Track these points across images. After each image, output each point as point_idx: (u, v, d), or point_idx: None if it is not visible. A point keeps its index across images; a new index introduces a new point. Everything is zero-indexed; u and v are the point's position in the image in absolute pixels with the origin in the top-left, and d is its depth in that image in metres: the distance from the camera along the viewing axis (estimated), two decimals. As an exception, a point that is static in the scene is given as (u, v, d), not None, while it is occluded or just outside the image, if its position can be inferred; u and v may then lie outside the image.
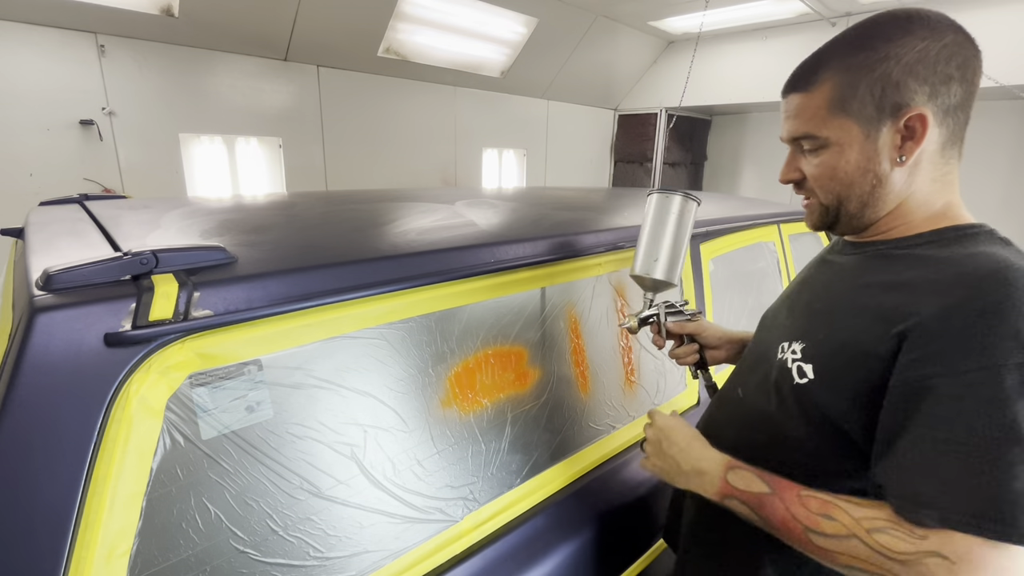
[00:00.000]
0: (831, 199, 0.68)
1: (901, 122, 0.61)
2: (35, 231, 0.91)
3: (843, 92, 0.63)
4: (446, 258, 0.87)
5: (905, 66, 0.60)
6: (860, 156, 0.64)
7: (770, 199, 2.59)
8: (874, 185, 0.65)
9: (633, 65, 6.12)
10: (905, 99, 0.61)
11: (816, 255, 0.86)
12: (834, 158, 0.66)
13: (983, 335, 0.51)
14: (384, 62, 4.41)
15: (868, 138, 0.63)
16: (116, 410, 0.57)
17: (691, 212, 0.95)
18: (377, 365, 0.80)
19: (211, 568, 0.64)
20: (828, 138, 0.66)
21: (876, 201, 0.66)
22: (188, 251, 0.66)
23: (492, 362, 0.95)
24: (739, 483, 0.65)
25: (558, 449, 1.05)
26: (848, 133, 0.64)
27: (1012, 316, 0.50)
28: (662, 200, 0.95)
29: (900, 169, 0.64)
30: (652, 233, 0.95)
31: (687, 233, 0.95)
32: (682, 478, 0.72)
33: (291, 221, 1.07)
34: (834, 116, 0.65)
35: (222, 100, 3.77)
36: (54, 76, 3.11)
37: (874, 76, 0.62)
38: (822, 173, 0.68)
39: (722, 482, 0.67)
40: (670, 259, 0.94)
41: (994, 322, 0.51)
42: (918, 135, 0.61)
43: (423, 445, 0.85)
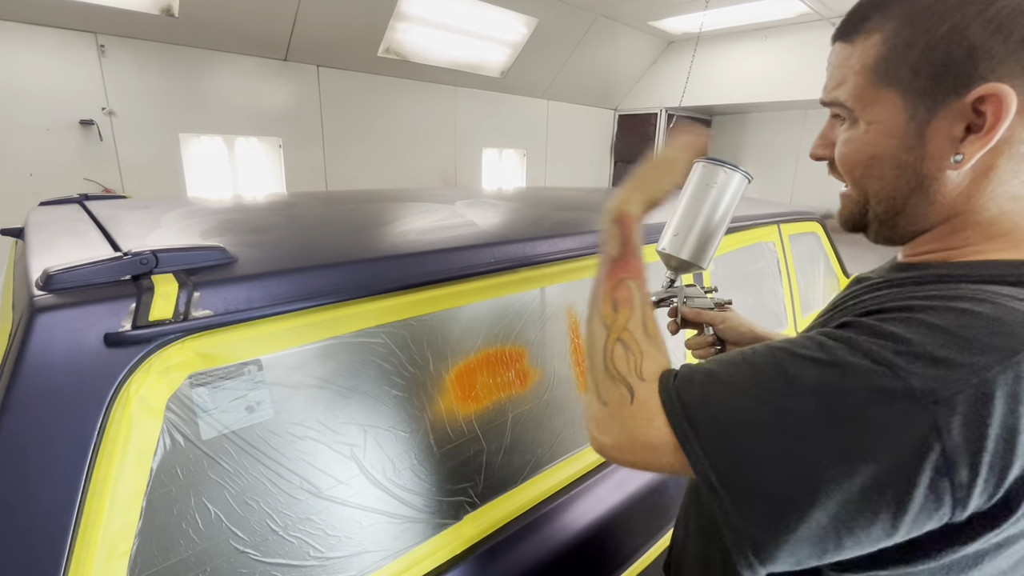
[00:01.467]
0: (857, 191, 0.52)
1: (967, 103, 0.43)
2: (35, 231, 0.91)
3: (892, 52, 0.46)
4: (446, 258, 0.87)
5: (991, 19, 0.41)
6: (895, 143, 0.47)
7: (770, 199, 2.59)
8: (912, 187, 0.48)
9: (633, 65, 6.12)
10: (978, 70, 0.42)
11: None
12: (861, 138, 0.49)
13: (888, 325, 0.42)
14: (384, 62, 4.41)
15: (912, 120, 0.46)
16: (116, 410, 0.57)
17: (738, 190, 0.80)
18: (377, 365, 0.80)
19: (211, 568, 0.64)
20: (856, 111, 0.49)
21: (913, 208, 0.49)
22: (188, 251, 0.66)
23: (492, 362, 0.95)
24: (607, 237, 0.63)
25: (558, 449, 1.05)
26: (886, 110, 0.47)
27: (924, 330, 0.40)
28: (708, 171, 0.82)
29: (955, 172, 0.45)
30: (688, 207, 0.82)
31: (729, 212, 0.82)
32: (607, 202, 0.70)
33: (291, 221, 1.07)
34: (873, 84, 0.47)
35: (222, 100, 3.77)
36: (54, 76, 3.11)
37: (939, 32, 0.43)
38: (845, 154, 0.52)
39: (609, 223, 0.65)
40: (701, 238, 0.82)
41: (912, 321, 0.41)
42: (989, 125, 0.42)
43: (423, 445, 0.85)
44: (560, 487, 1.02)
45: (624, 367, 0.51)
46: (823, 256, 2.24)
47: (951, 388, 0.36)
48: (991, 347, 0.37)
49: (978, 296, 0.41)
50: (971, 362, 0.37)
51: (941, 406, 0.36)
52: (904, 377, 0.37)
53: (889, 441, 0.37)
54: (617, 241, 0.61)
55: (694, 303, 0.87)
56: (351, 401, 0.77)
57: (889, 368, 0.38)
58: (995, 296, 0.40)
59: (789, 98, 5.18)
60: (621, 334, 0.53)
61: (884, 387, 0.37)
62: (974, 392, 0.36)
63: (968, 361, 0.37)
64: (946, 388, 0.36)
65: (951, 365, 0.37)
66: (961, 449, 0.36)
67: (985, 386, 0.36)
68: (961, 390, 0.36)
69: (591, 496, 1.04)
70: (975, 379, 0.36)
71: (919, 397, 0.36)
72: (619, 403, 0.49)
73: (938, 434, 0.36)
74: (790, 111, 6.40)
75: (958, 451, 0.36)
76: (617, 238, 0.61)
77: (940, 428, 0.36)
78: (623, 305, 0.55)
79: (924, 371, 0.37)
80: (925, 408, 0.36)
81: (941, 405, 0.36)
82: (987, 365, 0.36)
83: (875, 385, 0.38)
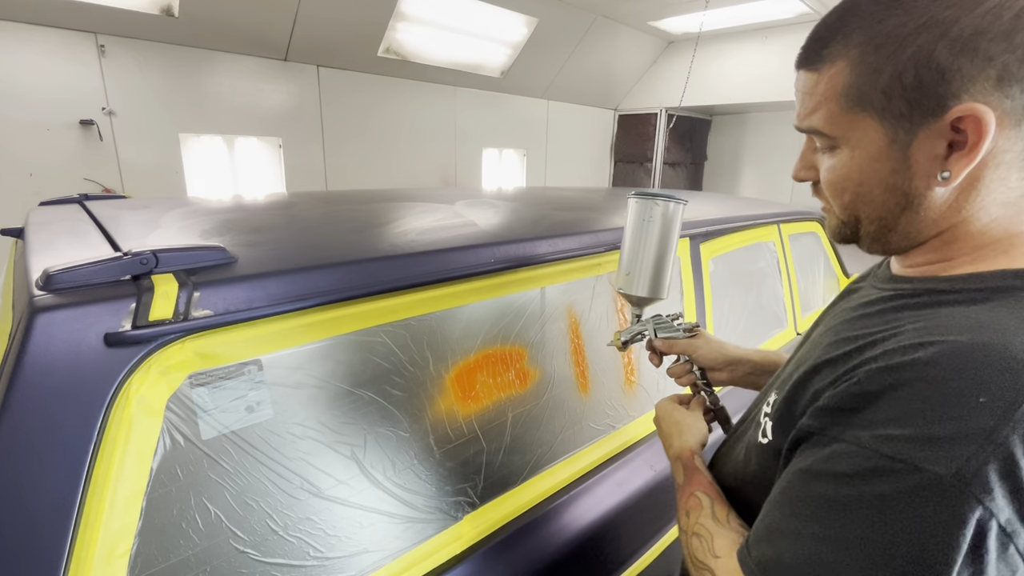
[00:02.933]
0: (846, 214, 0.52)
1: (945, 124, 0.43)
2: (35, 231, 0.91)
3: (861, 78, 0.46)
4: (446, 258, 0.87)
5: (956, 39, 0.41)
6: (881, 167, 0.47)
7: (770, 199, 2.59)
8: (902, 207, 0.48)
9: (633, 65, 6.12)
10: (951, 90, 0.42)
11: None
12: (846, 165, 0.50)
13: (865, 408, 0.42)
14: (384, 62, 4.41)
15: (894, 143, 0.46)
16: (116, 410, 0.57)
17: (676, 217, 0.84)
18: (377, 365, 0.80)
19: (211, 568, 0.64)
20: (838, 138, 0.49)
21: (904, 225, 0.49)
22: (188, 251, 0.66)
23: (492, 362, 0.95)
24: (676, 473, 0.72)
25: (558, 449, 1.05)
26: (865, 135, 0.47)
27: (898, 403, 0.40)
28: (642, 206, 0.84)
29: (944, 188, 0.45)
30: (633, 244, 0.86)
31: (673, 241, 0.85)
32: (664, 440, 0.79)
33: (291, 221, 1.07)
34: (847, 111, 0.47)
35: (222, 100, 3.77)
36: (54, 76, 3.11)
37: (905, 56, 0.43)
38: (832, 181, 0.52)
39: (671, 464, 0.74)
40: (654, 272, 0.84)
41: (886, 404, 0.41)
42: (971, 144, 0.42)
43: (423, 445, 0.85)
44: (560, 487, 1.02)
45: (701, 554, 0.55)
46: (823, 256, 2.24)
47: (973, 463, 0.36)
48: (989, 404, 0.37)
49: (955, 335, 0.40)
50: (976, 430, 0.36)
51: (975, 485, 0.35)
52: (924, 467, 0.37)
53: (950, 539, 0.36)
54: (681, 472, 0.70)
55: (664, 333, 0.89)
56: (351, 401, 0.77)
57: (902, 462, 0.38)
58: (979, 328, 0.40)
59: (789, 98, 5.16)
60: (695, 529, 0.58)
61: (916, 485, 0.37)
62: (997, 460, 0.36)
63: (973, 429, 0.36)
64: (969, 465, 0.36)
65: (960, 439, 0.36)
66: (1014, 517, 0.36)
67: (1003, 450, 0.36)
68: (987, 460, 0.36)
69: (591, 496, 1.04)
70: (990, 446, 0.36)
71: (950, 483, 0.36)
72: None
73: (988, 511, 0.35)
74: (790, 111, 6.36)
75: (1012, 521, 0.36)
76: (681, 471, 0.70)
77: (986, 505, 0.35)
78: (694, 511, 0.61)
79: (937, 454, 0.37)
80: (962, 492, 0.36)
81: (974, 484, 0.36)
82: (994, 427, 0.36)
83: (906, 486, 0.37)
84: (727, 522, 0.57)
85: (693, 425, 0.77)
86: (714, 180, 7.33)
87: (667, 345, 0.88)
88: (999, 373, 0.37)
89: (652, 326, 0.89)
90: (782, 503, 0.46)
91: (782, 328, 1.83)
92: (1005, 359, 0.38)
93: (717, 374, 0.86)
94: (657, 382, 1.29)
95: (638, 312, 0.92)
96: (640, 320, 0.91)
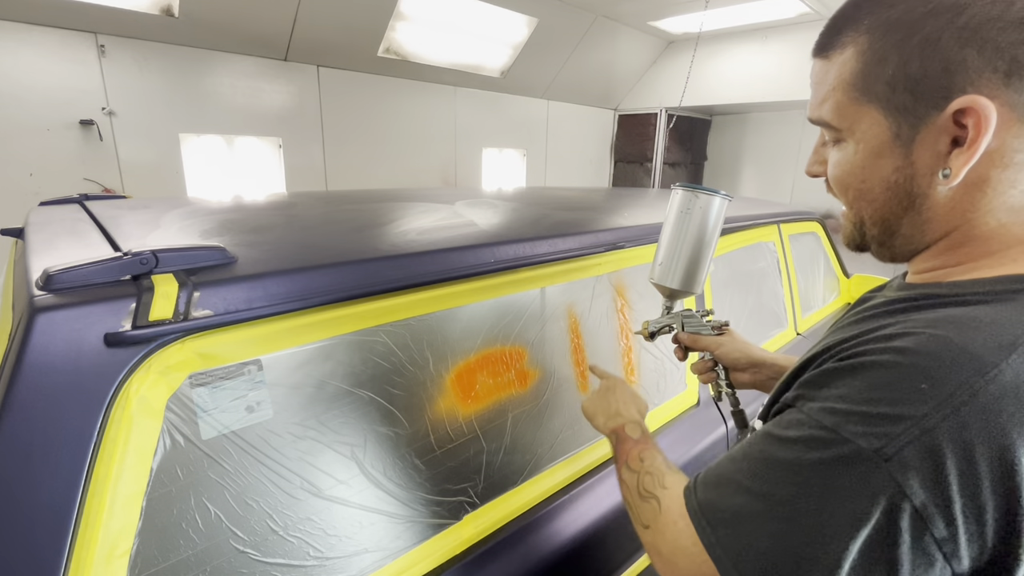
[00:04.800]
0: (852, 213, 0.51)
1: (948, 117, 0.41)
2: (35, 231, 0.91)
3: (868, 67, 0.44)
4: (446, 258, 0.87)
5: (963, 28, 0.39)
6: (883, 164, 0.46)
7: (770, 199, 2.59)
8: (904, 207, 0.46)
9: (633, 65, 6.12)
10: (956, 82, 0.40)
11: None
12: (850, 159, 0.48)
13: (828, 384, 0.43)
14: (384, 62, 4.41)
15: (897, 138, 0.44)
16: (116, 410, 0.57)
17: (720, 213, 0.83)
18: (377, 365, 0.80)
19: (211, 568, 0.64)
20: (844, 131, 0.48)
21: (907, 228, 0.47)
22: (188, 251, 0.66)
23: (492, 362, 0.95)
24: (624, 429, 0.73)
25: (558, 449, 1.05)
26: (870, 128, 0.46)
27: (852, 382, 0.41)
28: (684, 197, 0.83)
29: (946, 187, 0.43)
30: (672, 236, 0.84)
31: (713, 236, 0.84)
32: (595, 419, 0.81)
33: (291, 221, 1.07)
34: (854, 101, 0.46)
35: (222, 100, 3.77)
36: (54, 76, 3.11)
37: (911, 44, 0.41)
38: (836, 176, 0.51)
39: (618, 424, 0.75)
40: (690, 265, 0.83)
41: (837, 381, 0.42)
42: (971, 139, 0.40)
43: (423, 445, 0.85)
44: (560, 487, 1.02)
45: (651, 486, 0.59)
46: (823, 256, 2.24)
47: (896, 443, 0.36)
48: (928, 394, 0.36)
49: (920, 330, 0.40)
50: (909, 414, 0.37)
51: (893, 463, 0.36)
52: (851, 439, 0.38)
53: (862, 506, 0.37)
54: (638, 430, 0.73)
55: (691, 328, 0.89)
56: (351, 401, 0.77)
57: (835, 433, 0.39)
58: (944, 325, 0.40)
59: (789, 98, 5.18)
60: (647, 468, 0.62)
61: (840, 455, 0.39)
62: (921, 445, 0.36)
63: (906, 413, 0.37)
64: (891, 444, 0.36)
65: (893, 420, 0.37)
66: (929, 503, 0.35)
67: (929, 437, 0.36)
68: (906, 444, 0.36)
69: (591, 496, 1.04)
70: (916, 430, 0.36)
71: (870, 457, 0.37)
72: (653, 516, 0.55)
73: (902, 491, 0.36)
74: (790, 111, 6.39)
75: (927, 506, 0.35)
76: (637, 429, 0.73)
77: (901, 485, 0.36)
78: (648, 455, 0.65)
79: (867, 430, 0.38)
80: (879, 467, 0.36)
81: (893, 462, 0.36)
82: (926, 414, 0.36)
83: (831, 455, 0.39)
84: (678, 470, 0.62)
85: (626, 398, 0.81)
86: (714, 180, 7.32)
87: (692, 340, 0.88)
88: (947, 365, 0.37)
89: (681, 320, 0.89)
90: (736, 457, 0.48)
91: (782, 328, 1.83)
92: (957, 353, 0.37)
93: (740, 375, 0.85)
94: (657, 382, 1.29)
95: (669, 304, 0.91)
96: (670, 313, 0.91)
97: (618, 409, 0.79)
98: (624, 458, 0.68)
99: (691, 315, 0.90)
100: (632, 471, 0.64)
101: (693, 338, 0.88)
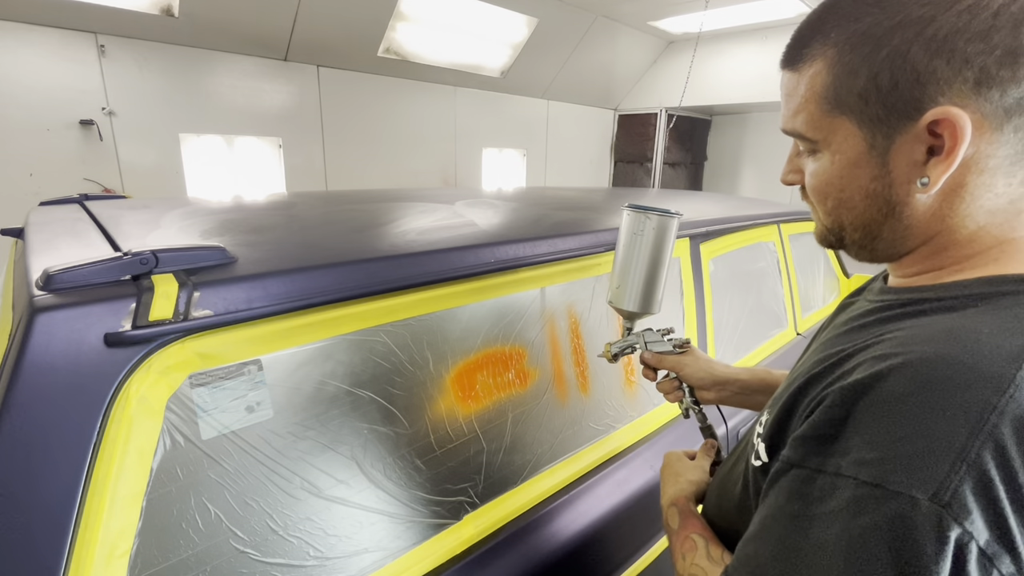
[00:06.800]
0: (831, 220, 0.52)
1: (922, 128, 0.42)
2: (35, 231, 0.91)
3: (837, 79, 0.45)
4: (446, 258, 0.87)
5: (931, 40, 0.39)
6: (861, 173, 0.46)
7: (770, 199, 2.59)
8: (884, 214, 0.47)
9: (633, 65, 6.12)
10: (927, 93, 0.40)
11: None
12: (827, 170, 0.49)
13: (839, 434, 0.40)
14: (384, 62, 4.41)
15: (872, 148, 0.45)
16: (116, 410, 0.57)
17: (669, 232, 0.83)
18: (377, 365, 0.80)
19: (211, 568, 0.64)
20: (819, 142, 0.48)
21: (889, 233, 0.48)
22: (188, 251, 0.66)
23: (492, 362, 0.95)
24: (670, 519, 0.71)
25: (558, 449, 1.05)
26: (845, 140, 0.46)
27: (866, 424, 0.38)
28: (634, 219, 0.84)
29: (925, 195, 0.44)
30: (624, 258, 0.85)
31: (666, 256, 0.84)
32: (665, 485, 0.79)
33: (291, 221, 1.07)
34: (827, 113, 0.46)
35: (222, 100, 3.77)
36: (54, 76, 3.11)
37: (880, 56, 0.42)
38: (815, 186, 0.51)
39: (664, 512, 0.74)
40: (645, 287, 0.84)
41: (855, 426, 0.39)
42: (948, 148, 0.41)
43: (423, 445, 0.85)
44: (560, 487, 1.02)
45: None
46: (823, 256, 2.24)
47: (949, 483, 0.34)
48: (958, 420, 0.35)
49: (926, 351, 0.39)
50: (948, 447, 0.34)
51: (953, 507, 0.34)
52: (903, 491, 0.35)
53: (933, 563, 0.34)
54: (676, 517, 0.70)
55: (653, 348, 0.88)
56: (351, 401, 0.77)
57: (882, 488, 0.36)
58: (949, 341, 0.39)
59: (789, 98, 5.18)
60: (691, 570, 0.60)
61: (897, 513, 0.35)
62: (972, 480, 0.34)
63: (944, 447, 0.34)
64: (945, 486, 0.34)
65: (933, 457, 0.35)
66: (993, 540, 0.34)
67: (975, 469, 0.34)
68: (962, 480, 0.34)
69: (591, 496, 1.04)
70: (962, 464, 0.34)
71: (928, 507, 0.34)
72: None
73: (968, 533, 0.33)
74: (790, 111, 6.38)
75: (991, 543, 0.34)
76: (676, 516, 0.70)
77: (966, 528, 0.33)
78: (689, 553, 0.62)
79: (913, 477, 0.35)
80: (941, 516, 0.34)
81: (952, 507, 0.34)
82: (964, 445, 0.34)
83: (886, 515, 0.35)
84: (721, 561, 0.58)
85: (691, 473, 0.77)
86: (714, 180, 7.33)
87: (656, 360, 0.87)
88: (963, 387, 0.36)
89: (643, 340, 0.89)
90: (766, 539, 0.43)
91: (782, 328, 1.83)
92: (969, 373, 0.36)
93: (705, 393, 0.85)
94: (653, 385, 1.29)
95: (629, 325, 0.91)
96: (631, 333, 0.90)
97: (664, 487, 0.78)
98: (674, 547, 0.67)
99: (652, 334, 0.89)
100: (678, 572, 0.63)
101: (657, 358, 0.87)
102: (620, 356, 0.91)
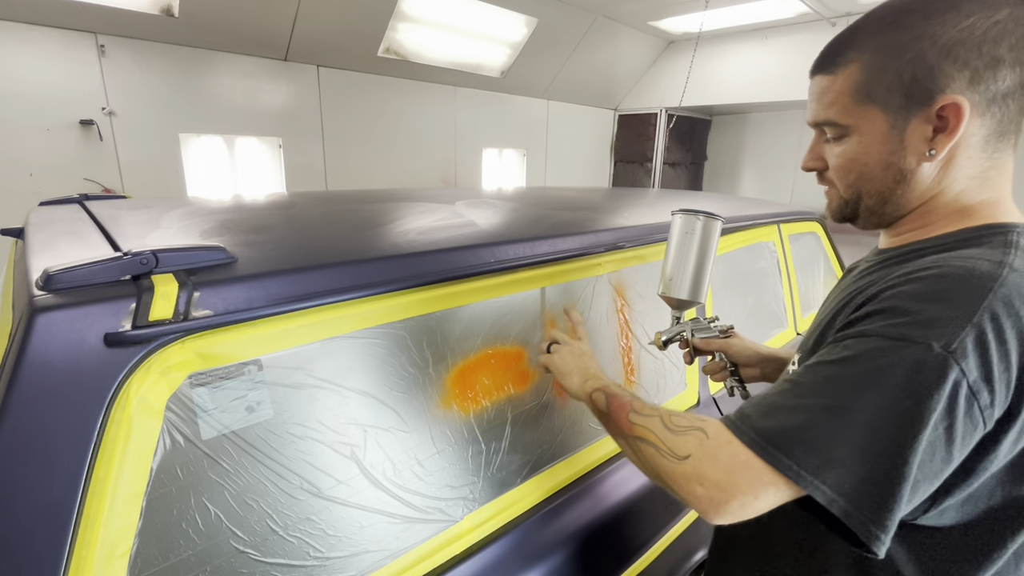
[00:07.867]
0: (850, 193, 0.65)
1: (932, 112, 0.56)
2: (35, 231, 0.91)
3: (869, 77, 0.58)
4: (446, 258, 0.87)
5: (942, 48, 0.54)
6: (883, 149, 0.60)
7: (770, 199, 2.59)
8: (897, 181, 0.60)
9: (633, 65, 6.13)
10: (938, 86, 0.55)
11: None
12: (854, 149, 0.62)
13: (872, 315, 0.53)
14: (384, 62, 4.41)
15: (893, 128, 0.58)
16: (116, 410, 0.57)
17: (716, 231, 0.95)
18: (377, 365, 0.80)
19: (211, 568, 0.64)
20: (849, 127, 0.61)
21: (898, 198, 0.62)
22: (188, 251, 0.66)
23: (492, 362, 0.95)
24: (611, 387, 0.76)
25: (558, 449, 1.05)
26: (872, 123, 0.60)
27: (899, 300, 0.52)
28: (685, 220, 0.96)
29: (929, 164, 0.58)
30: (677, 254, 0.96)
31: (712, 252, 0.95)
32: (571, 377, 0.83)
33: (291, 221, 1.07)
34: (858, 103, 0.60)
35: (222, 100, 3.78)
36: (54, 76, 3.11)
37: (905, 59, 0.56)
38: (841, 164, 0.64)
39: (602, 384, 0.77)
40: (695, 279, 0.95)
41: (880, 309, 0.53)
42: (951, 127, 0.55)
43: (423, 445, 0.85)
44: (560, 487, 1.02)
45: (683, 420, 0.61)
46: (823, 256, 2.24)
47: (958, 337, 0.47)
48: (968, 299, 0.49)
49: (940, 264, 0.54)
50: (959, 314, 0.48)
51: (957, 354, 0.47)
52: (922, 341, 0.48)
53: (935, 395, 0.47)
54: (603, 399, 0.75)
55: (701, 334, 0.99)
56: (351, 401, 0.77)
57: (905, 340, 0.49)
58: (953, 259, 0.54)
59: (789, 98, 5.18)
60: (664, 410, 0.65)
61: (917, 356, 0.48)
62: (974, 334, 0.47)
63: (957, 314, 0.48)
64: (954, 338, 0.47)
65: (949, 321, 0.48)
66: (979, 378, 0.47)
67: (978, 328, 0.48)
68: (967, 336, 0.47)
69: (591, 496, 1.04)
70: (968, 325, 0.48)
71: (940, 352, 0.47)
72: (699, 443, 0.57)
73: (963, 373, 0.47)
74: (790, 111, 6.40)
75: (978, 382, 0.47)
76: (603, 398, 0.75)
77: (963, 369, 0.47)
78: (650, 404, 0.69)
79: (932, 332, 0.48)
80: (947, 360, 0.47)
81: (957, 353, 0.47)
82: (972, 312, 0.48)
83: (908, 356, 0.48)
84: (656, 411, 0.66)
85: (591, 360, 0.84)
86: (714, 180, 7.33)
87: (705, 343, 0.98)
88: (972, 278, 0.51)
89: (690, 327, 0.99)
90: (782, 390, 0.55)
91: (782, 328, 1.83)
92: (973, 272, 0.51)
93: (750, 370, 0.96)
94: (657, 382, 1.29)
95: (677, 315, 1.01)
96: (679, 322, 1.00)
97: (595, 372, 0.82)
98: (625, 410, 0.70)
99: (699, 322, 0.99)
100: (647, 415, 0.66)
101: (706, 342, 0.98)
102: (670, 343, 1.01)
